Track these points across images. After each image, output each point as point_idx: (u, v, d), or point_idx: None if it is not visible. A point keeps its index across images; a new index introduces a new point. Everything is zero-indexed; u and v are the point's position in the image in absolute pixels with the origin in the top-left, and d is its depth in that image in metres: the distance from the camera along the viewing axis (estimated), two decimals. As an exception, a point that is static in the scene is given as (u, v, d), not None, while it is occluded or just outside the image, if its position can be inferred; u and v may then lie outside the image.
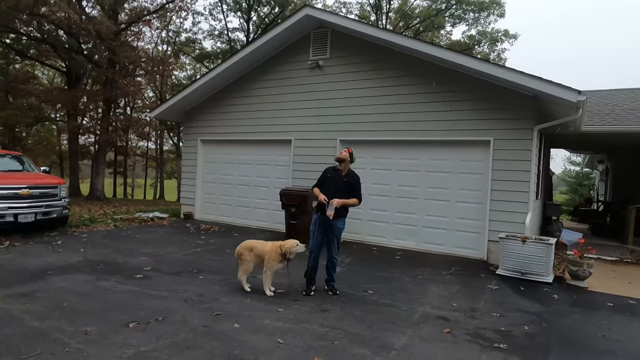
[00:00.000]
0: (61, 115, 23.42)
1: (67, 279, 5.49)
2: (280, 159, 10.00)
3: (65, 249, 7.26)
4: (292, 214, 8.34)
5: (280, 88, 9.85)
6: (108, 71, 17.28)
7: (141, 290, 5.12)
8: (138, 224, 10.50)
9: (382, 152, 8.68)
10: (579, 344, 4.10)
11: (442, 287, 5.83)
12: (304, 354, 3.56)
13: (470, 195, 7.76)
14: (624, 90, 12.56)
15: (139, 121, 21.63)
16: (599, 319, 4.83)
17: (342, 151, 5.40)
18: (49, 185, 8.58)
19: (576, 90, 6.34)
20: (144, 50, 24.17)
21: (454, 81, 7.80)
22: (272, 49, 9.79)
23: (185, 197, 11.66)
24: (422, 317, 4.64)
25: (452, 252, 7.86)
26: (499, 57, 26.73)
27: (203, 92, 10.94)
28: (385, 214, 8.60)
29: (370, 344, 3.83)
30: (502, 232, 6.89)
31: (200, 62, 28.51)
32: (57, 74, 25.22)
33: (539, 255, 6.27)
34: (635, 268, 7.60)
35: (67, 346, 3.52)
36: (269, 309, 4.65)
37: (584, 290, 5.97)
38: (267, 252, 5.09)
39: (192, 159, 11.52)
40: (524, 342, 4.08)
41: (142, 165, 36.02)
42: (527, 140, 7.20)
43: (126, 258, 6.79)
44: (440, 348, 3.83)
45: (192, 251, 7.54)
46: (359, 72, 8.78)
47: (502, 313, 4.88)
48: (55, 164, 27.64)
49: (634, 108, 10.24)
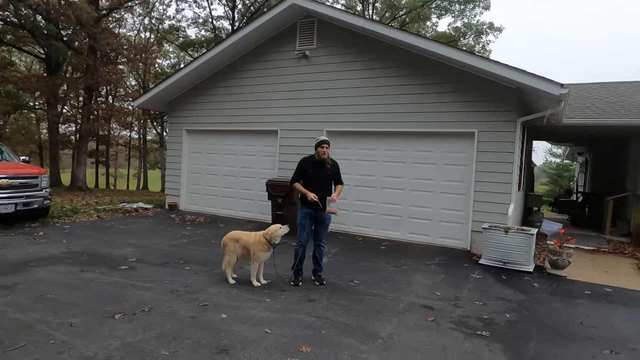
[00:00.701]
0: (40, 103, 22.84)
1: (50, 270, 5.41)
2: (266, 150, 9.96)
3: (47, 240, 7.14)
4: (279, 204, 8.34)
5: (267, 78, 9.77)
6: (89, 58, 16.87)
7: (126, 282, 5.08)
8: (122, 215, 10.37)
9: (368, 143, 8.71)
10: (558, 331, 4.23)
11: (426, 277, 5.93)
12: (291, 343, 3.60)
13: (455, 186, 7.87)
14: (604, 83, 12.83)
15: (121, 110, 21.22)
16: (577, 307, 4.99)
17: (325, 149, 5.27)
18: (30, 175, 8.39)
19: (559, 83, 6.46)
20: (126, 37, 23.66)
21: (439, 73, 7.84)
22: (258, 38, 9.68)
23: (170, 187, 11.54)
24: (407, 306, 4.72)
25: (436, 242, 7.98)
26: (483, 50, 26.94)
27: (188, 82, 10.79)
28: (371, 204, 8.67)
29: (357, 333, 3.89)
30: (485, 223, 7.02)
31: (185, 51, 28.01)
32: (35, 61, 24.50)
33: (520, 245, 6.42)
34: (612, 257, 7.85)
35: (52, 338, 3.49)
36: (256, 299, 4.67)
37: (563, 279, 6.15)
38: (251, 243, 5.09)
39: (177, 149, 11.39)
40: (505, 329, 4.19)
41: (124, 155, 35.46)
42: (511, 133, 7.31)
43: (110, 249, 6.71)
44: (424, 336, 3.91)
45: (178, 242, 7.49)
46: (346, 63, 8.77)
47: (484, 301, 5.00)
48: (35, 153, 26.98)
49: (613, 101, 10.49)
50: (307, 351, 3.46)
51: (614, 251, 8.30)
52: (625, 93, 11.26)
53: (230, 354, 3.35)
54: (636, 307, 5.10)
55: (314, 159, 5.35)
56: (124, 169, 37.38)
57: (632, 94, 11.02)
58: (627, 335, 4.20)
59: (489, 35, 26.50)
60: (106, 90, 24.01)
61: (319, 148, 5.29)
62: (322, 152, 5.28)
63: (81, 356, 3.22)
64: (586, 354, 3.73)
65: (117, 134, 30.53)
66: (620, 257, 7.90)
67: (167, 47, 30.18)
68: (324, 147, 5.28)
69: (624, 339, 4.10)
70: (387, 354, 3.51)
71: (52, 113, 18.84)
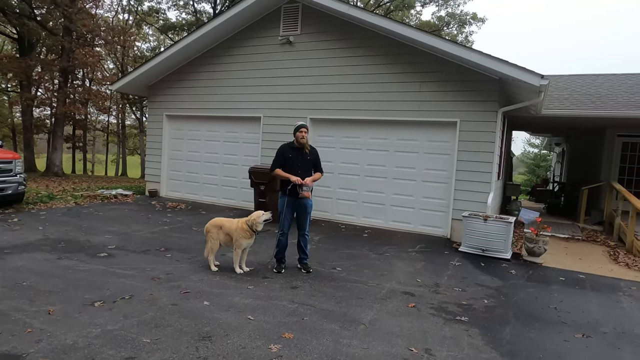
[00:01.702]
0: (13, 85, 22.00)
1: (25, 257, 5.28)
2: (249, 136, 9.86)
3: (22, 227, 6.95)
4: (261, 192, 8.29)
5: (250, 64, 9.62)
6: (64, 40, 16.27)
7: (106, 269, 5.00)
8: (100, 201, 10.16)
9: (352, 131, 8.71)
10: (534, 316, 4.37)
11: (407, 264, 6.02)
12: (274, 329, 3.62)
13: (437, 175, 7.97)
14: (581, 75, 13.10)
15: (99, 94, 20.60)
16: (551, 293, 5.15)
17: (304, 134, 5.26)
18: (3, 160, 8.13)
19: (539, 74, 6.56)
20: (103, 18, 22.91)
21: (423, 62, 7.86)
22: (241, 22, 9.50)
23: (151, 174, 11.34)
24: (389, 292, 4.79)
25: (418, 230, 8.10)
26: (466, 40, 27.09)
27: (168, 66, 10.53)
28: (354, 192, 8.71)
29: (339, 319, 3.94)
30: (465, 211, 7.14)
31: (165, 34, 27.29)
32: (7, 41, 23.53)
33: (499, 233, 6.57)
34: (585, 245, 8.11)
35: (29, 326, 3.42)
36: (239, 286, 4.66)
37: (539, 266, 6.33)
38: (234, 230, 5.07)
39: (157, 134, 11.16)
40: (483, 314, 4.31)
41: (102, 141, 34.58)
42: (492, 122, 7.41)
43: (89, 236, 6.58)
44: (405, 322, 3.98)
45: (159, 229, 7.40)
46: (330, 50, 8.69)
47: (463, 288, 5.11)
48: (8, 137, 26.08)
49: (591, 93, 10.73)
50: (290, 337, 3.49)
51: (587, 239, 8.58)
52: (602, 85, 11.53)
53: (213, 341, 3.35)
54: (607, 292, 5.30)
55: (293, 145, 5.33)
56: (102, 155, 36.55)
57: (608, 87, 11.30)
58: (597, 319, 4.37)
59: (472, 26, 26.68)
60: (83, 74, 23.26)
61: (297, 133, 5.28)
62: (301, 137, 5.26)
63: (60, 344, 3.17)
64: (559, 337, 3.87)
65: (95, 119, 29.71)
66: (593, 244, 8.17)
67: (147, 30, 29.36)
68: (302, 131, 5.26)
69: (595, 322, 4.27)
70: (369, 339, 3.57)
71: (25, 96, 18.19)
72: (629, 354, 3.63)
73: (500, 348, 3.57)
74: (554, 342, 3.77)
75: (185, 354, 3.13)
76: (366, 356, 3.27)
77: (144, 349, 3.16)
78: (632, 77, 12.31)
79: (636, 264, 6.65)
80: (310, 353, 3.26)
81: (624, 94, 10.37)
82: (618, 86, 11.28)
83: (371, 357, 3.27)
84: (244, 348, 3.26)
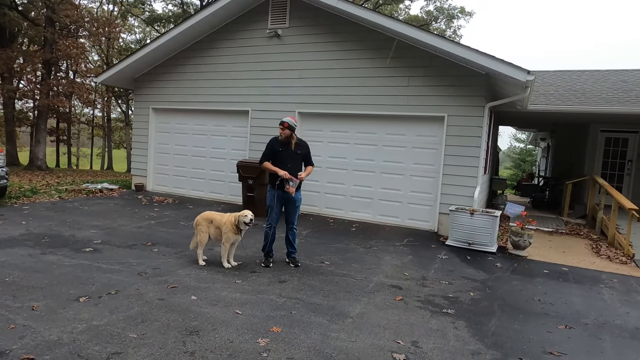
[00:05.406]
0: (-6, 77, 21.39)
1: (8, 253, 5.18)
2: (237, 130, 9.79)
3: (4, 222, 6.81)
4: (250, 186, 8.26)
5: (238, 57, 9.53)
6: (47, 30, 15.90)
7: (91, 264, 4.94)
8: (85, 196, 10.00)
9: (340, 125, 8.71)
10: (518, 308, 4.45)
11: (395, 258, 6.07)
12: (262, 323, 3.62)
13: (424, 169, 8.02)
14: (567, 71, 13.26)
15: (83, 87, 20.19)
16: (535, 285, 5.25)
17: (285, 131, 5.18)
18: (-17, 154, 7.93)
19: (525, 70, 6.62)
20: (87, 9, 22.39)
21: (411, 56, 7.88)
22: (229, 14, 9.39)
23: (137, 167, 11.20)
24: (376, 286, 4.82)
25: (405, 224, 8.15)
26: (454, 34, 27.21)
27: (154, 58, 10.38)
28: (342, 186, 8.72)
29: (327, 313, 3.95)
30: (452, 205, 7.21)
31: (151, 26, 26.87)
32: (-13, 31, 22.84)
33: (484, 227, 6.65)
34: (569, 238, 8.27)
35: (13, 322, 3.36)
36: (226, 280, 4.65)
37: (524, 259, 6.44)
38: (223, 223, 5.05)
39: (143, 128, 11.01)
40: (469, 307, 4.37)
41: (87, 134, 33.95)
42: (479, 117, 7.48)
43: (73, 231, 6.48)
44: (393, 315, 4.02)
45: (145, 224, 7.32)
46: (318, 44, 8.66)
47: (450, 281, 5.17)
48: (-12, 130, 25.44)
49: (576, 89, 10.88)
50: (278, 331, 3.49)
51: (570, 233, 8.74)
52: (587, 81, 11.70)
53: (201, 335, 3.33)
54: (589, 284, 5.42)
55: (282, 141, 5.32)
56: (87, 148, 35.90)
57: (592, 83, 11.46)
58: (579, 310, 4.47)
59: (460, 20, 26.79)
60: (67, 65, 22.77)
61: (278, 129, 5.26)
62: (279, 134, 5.25)
63: (44, 340, 3.12)
64: (543, 328, 3.94)
65: (80, 112, 29.16)
66: (577, 238, 8.33)
67: (132, 22, 28.84)
68: (279, 128, 5.22)
69: (577, 314, 4.36)
70: (357, 332, 3.59)
71: (7, 88, 17.72)
72: (609, 344, 3.72)
73: (485, 339, 3.62)
74: (537, 333, 3.84)
75: (172, 348, 3.11)
76: (354, 349, 3.30)
77: (131, 344, 3.14)
78: (616, 72, 12.51)
79: (617, 256, 6.80)
80: (298, 346, 3.27)
81: (607, 90, 10.54)
82: (602, 82, 11.46)
83: (359, 350, 3.29)
84: (231, 342, 3.26)
